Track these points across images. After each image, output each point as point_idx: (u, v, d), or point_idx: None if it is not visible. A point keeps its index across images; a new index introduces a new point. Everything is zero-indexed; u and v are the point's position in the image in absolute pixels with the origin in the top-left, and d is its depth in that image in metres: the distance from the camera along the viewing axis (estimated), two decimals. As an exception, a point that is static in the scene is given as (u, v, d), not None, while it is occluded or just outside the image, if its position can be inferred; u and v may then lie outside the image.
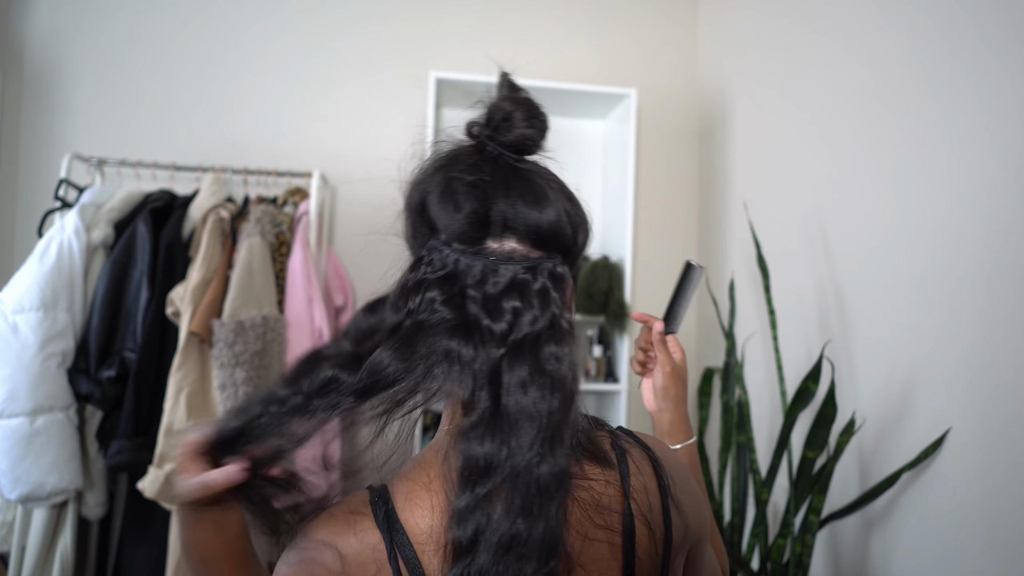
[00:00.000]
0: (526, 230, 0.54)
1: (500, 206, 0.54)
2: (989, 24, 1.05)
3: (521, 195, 0.55)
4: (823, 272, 1.47)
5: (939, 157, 1.14)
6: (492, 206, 0.54)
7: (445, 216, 0.54)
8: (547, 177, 0.58)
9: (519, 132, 0.56)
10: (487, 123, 0.57)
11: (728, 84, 2.00)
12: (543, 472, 0.49)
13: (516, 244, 0.55)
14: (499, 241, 0.54)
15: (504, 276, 0.53)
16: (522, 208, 0.54)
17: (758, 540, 1.36)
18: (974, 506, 1.04)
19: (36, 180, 1.90)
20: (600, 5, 2.19)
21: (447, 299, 0.52)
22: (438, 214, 0.55)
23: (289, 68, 2.02)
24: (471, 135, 0.59)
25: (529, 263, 0.54)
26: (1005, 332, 1.00)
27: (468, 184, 0.54)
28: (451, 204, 0.54)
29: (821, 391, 1.36)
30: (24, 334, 1.42)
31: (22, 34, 1.91)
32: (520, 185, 0.55)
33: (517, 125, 0.56)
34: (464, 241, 0.54)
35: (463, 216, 0.53)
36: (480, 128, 0.58)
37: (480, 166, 0.55)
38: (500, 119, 0.56)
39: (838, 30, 1.45)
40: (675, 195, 2.21)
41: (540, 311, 0.53)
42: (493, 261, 0.53)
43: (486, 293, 0.53)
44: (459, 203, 0.54)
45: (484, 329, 0.52)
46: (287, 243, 1.69)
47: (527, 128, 0.57)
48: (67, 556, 1.50)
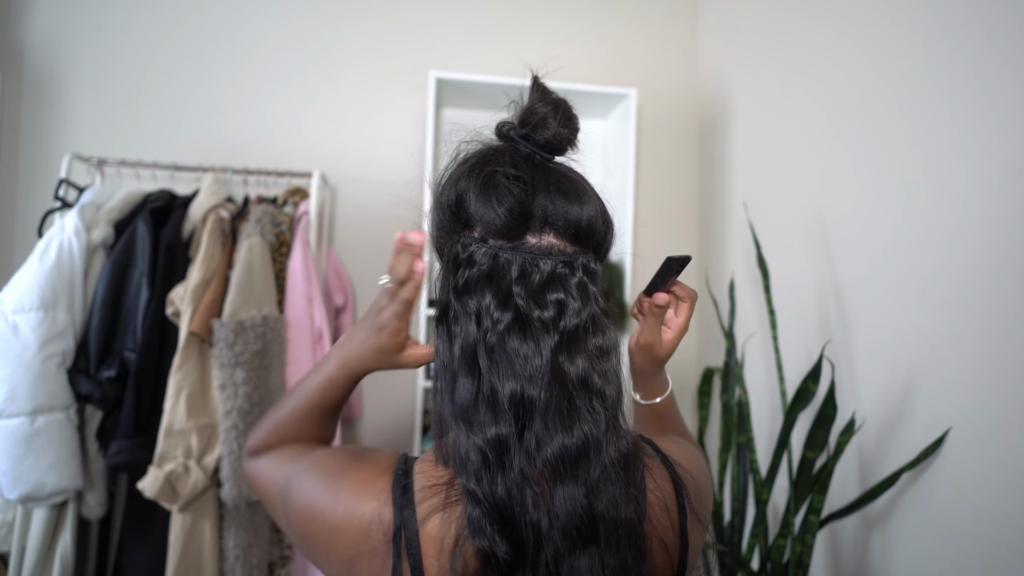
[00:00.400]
0: (565, 225, 0.56)
1: (541, 200, 0.55)
2: (990, 24, 1.05)
3: (561, 191, 0.56)
4: (823, 272, 1.47)
5: (940, 157, 1.14)
6: (534, 200, 0.55)
7: (486, 210, 0.55)
8: (581, 176, 0.60)
9: (554, 131, 0.57)
10: (522, 124, 0.58)
11: (728, 84, 2.00)
12: (614, 457, 0.51)
13: (555, 239, 0.56)
14: (538, 236, 0.56)
15: (544, 269, 0.55)
16: (562, 203, 0.56)
17: (758, 540, 1.36)
18: (974, 506, 1.04)
19: (36, 180, 1.90)
20: (600, 5, 2.19)
21: (500, 302, 0.54)
22: (478, 209, 0.55)
23: (289, 68, 2.02)
24: (503, 136, 0.60)
25: (566, 257, 0.56)
26: (1005, 332, 1.00)
27: (512, 178, 0.55)
28: (493, 198, 0.55)
29: (821, 391, 1.36)
30: (24, 334, 1.42)
31: (22, 34, 1.91)
32: (559, 181, 0.57)
33: (551, 126, 0.57)
34: (504, 235, 0.55)
35: (505, 210, 0.54)
36: (513, 129, 0.59)
37: (518, 163, 0.57)
38: (536, 121, 0.57)
39: (838, 30, 1.45)
40: (675, 195, 2.21)
41: (581, 304, 0.55)
42: (533, 256, 0.55)
43: (529, 286, 0.54)
44: (501, 196, 0.55)
45: (535, 320, 0.53)
46: (287, 243, 1.69)
47: (562, 128, 0.58)
48: (67, 556, 1.50)
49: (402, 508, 0.50)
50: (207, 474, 1.47)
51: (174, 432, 1.45)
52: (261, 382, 1.52)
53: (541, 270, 0.54)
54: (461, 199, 0.57)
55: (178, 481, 1.42)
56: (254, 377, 1.50)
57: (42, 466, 1.40)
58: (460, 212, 0.57)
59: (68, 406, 1.48)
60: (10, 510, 1.54)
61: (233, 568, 1.50)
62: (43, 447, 1.41)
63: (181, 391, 1.47)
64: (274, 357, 1.56)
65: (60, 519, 1.52)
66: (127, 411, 1.47)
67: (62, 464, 1.43)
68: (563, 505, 0.48)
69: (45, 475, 1.41)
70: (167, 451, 1.44)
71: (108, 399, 1.49)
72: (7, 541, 1.53)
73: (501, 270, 0.54)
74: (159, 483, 1.40)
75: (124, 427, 1.46)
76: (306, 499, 0.54)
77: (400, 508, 0.50)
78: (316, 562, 0.54)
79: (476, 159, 0.58)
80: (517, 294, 0.53)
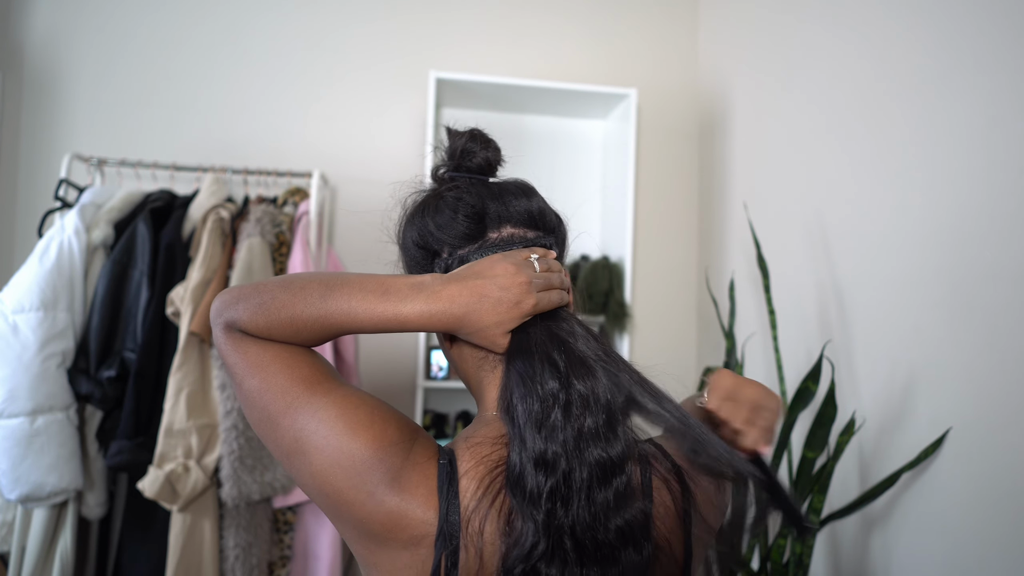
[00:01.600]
0: (519, 214, 0.61)
1: (492, 204, 0.61)
2: (989, 25, 1.05)
3: (507, 192, 0.62)
4: (823, 272, 1.47)
5: (939, 157, 1.14)
6: (486, 205, 0.61)
7: (446, 224, 0.60)
8: (522, 180, 0.65)
9: (481, 156, 0.63)
10: (450, 159, 0.64)
11: (728, 84, 2.00)
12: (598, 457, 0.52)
13: (513, 229, 0.61)
14: (498, 231, 0.61)
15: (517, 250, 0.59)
16: (512, 200, 0.61)
17: (758, 540, 1.36)
18: (974, 506, 1.04)
19: (36, 180, 1.90)
20: (600, 5, 2.19)
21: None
22: (437, 228, 0.61)
23: (289, 68, 2.02)
24: (440, 178, 0.65)
25: (528, 242, 0.61)
26: (1005, 332, 1.00)
27: (460, 193, 0.61)
28: (447, 212, 0.60)
29: (821, 391, 1.36)
30: (24, 334, 1.42)
31: (22, 34, 1.91)
32: (502, 187, 0.63)
33: (478, 153, 0.63)
34: (469, 238, 0.60)
35: (463, 216, 0.60)
36: (446, 168, 0.64)
37: (462, 187, 0.62)
38: (460, 153, 0.63)
39: (838, 30, 1.45)
40: (675, 195, 2.21)
41: None
42: (498, 247, 0.59)
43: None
44: (455, 207, 0.60)
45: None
46: (287, 243, 1.69)
47: (486, 151, 0.63)
48: (67, 556, 1.50)
49: (448, 502, 0.51)
50: (207, 474, 1.47)
51: (174, 432, 1.45)
52: (261, 382, 1.52)
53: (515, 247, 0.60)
54: (423, 230, 0.62)
55: (178, 481, 1.42)
56: (254, 377, 1.50)
57: (42, 466, 1.40)
58: (425, 242, 0.61)
59: (68, 406, 1.48)
60: (10, 510, 1.54)
61: (233, 568, 1.50)
62: (43, 447, 1.41)
63: (181, 391, 1.47)
64: (274, 357, 1.55)
65: (60, 519, 1.52)
66: (127, 411, 1.47)
67: (62, 464, 1.43)
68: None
69: (45, 475, 1.41)
70: (167, 451, 1.44)
71: (108, 399, 1.49)
72: (7, 541, 1.53)
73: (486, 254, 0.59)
74: (159, 483, 1.40)
75: (124, 427, 1.46)
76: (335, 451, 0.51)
77: (446, 503, 0.51)
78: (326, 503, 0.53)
79: (423, 197, 0.64)
80: None
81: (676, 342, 2.16)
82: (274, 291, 0.54)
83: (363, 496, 0.50)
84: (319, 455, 0.51)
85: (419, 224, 0.62)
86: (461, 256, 0.59)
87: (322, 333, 0.54)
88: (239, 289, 0.56)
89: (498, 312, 0.53)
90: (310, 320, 0.53)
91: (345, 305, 0.53)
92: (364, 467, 0.50)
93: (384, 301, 0.52)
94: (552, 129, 2.16)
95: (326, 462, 0.51)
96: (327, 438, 0.51)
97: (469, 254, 0.59)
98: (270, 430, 0.53)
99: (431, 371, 1.89)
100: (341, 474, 0.50)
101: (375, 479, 0.50)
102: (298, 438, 0.52)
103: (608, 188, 2.11)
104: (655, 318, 2.13)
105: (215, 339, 0.56)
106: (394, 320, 0.53)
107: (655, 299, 2.14)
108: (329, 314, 0.53)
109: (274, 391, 0.53)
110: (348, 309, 0.53)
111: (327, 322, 0.53)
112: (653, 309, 2.13)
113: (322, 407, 0.52)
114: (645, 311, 2.11)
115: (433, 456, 0.53)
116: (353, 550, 0.54)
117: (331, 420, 0.51)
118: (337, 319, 0.53)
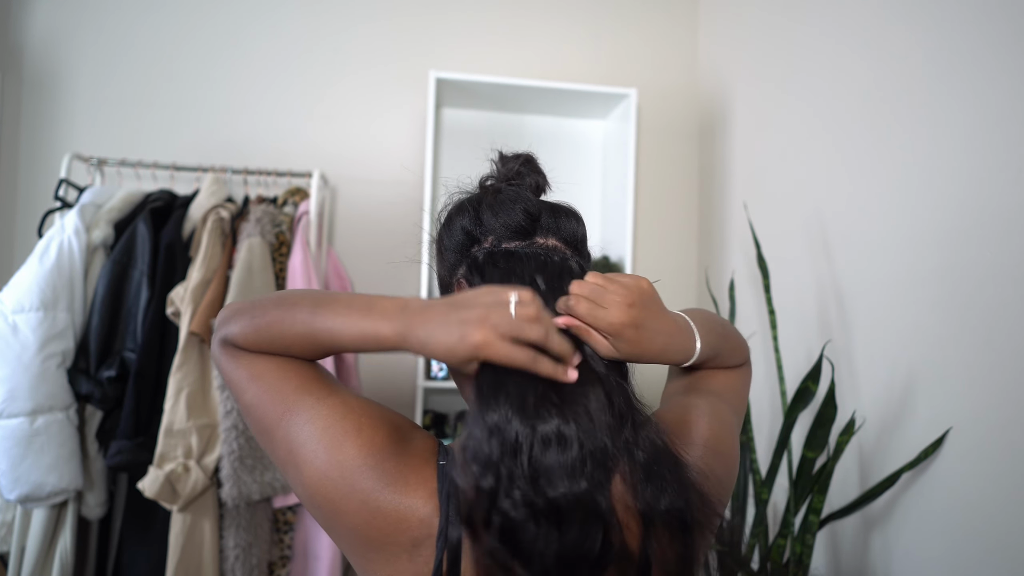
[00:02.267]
0: (567, 234, 0.64)
1: (546, 215, 0.63)
2: (989, 24, 1.05)
3: (562, 211, 0.65)
4: (823, 272, 1.47)
5: (939, 157, 1.14)
6: (542, 212, 0.63)
7: (503, 212, 0.62)
8: (574, 208, 0.68)
9: (532, 180, 0.66)
10: (501, 178, 0.66)
11: (728, 84, 2.00)
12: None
13: (556, 242, 0.63)
14: (545, 238, 0.63)
15: (556, 261, 0.61)
16: (563, 219, 0.64)
17: (758, 540, 1.36)
18: (974, 506, 1.04)
19: (36, 180, 1.90)
20: (600, 5, 2.19)
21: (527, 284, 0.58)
22: (493, 215, 0.62)
23: (289, 68, 2.02)
24: (487, 188, 0.66)
25: (567, 257, 0.62)
26: (1005, 332, 1.00)
27: (521, 191, 0.63)
28: (507, 204, 0.62)
29: (821, 391, 1.36)
30: (24, 334, 1.42)
31: (22, 34, 1.91)
32: (556, 206, 0.65)
33: (528, 176, 0.66)
34: (519, 234, 0.61)
35: (522, 210, 0.62)
36: (495, 180, 0.66)
37: (520, 189, 0.65)
38: (513, 176, 0.66)
39: (838, 30, 1.45)
40: (675, 195, 2.21)
41: None
42: (546, 251, 0.61)
43: (548, 276, 0.59)
44: (515, 201, 0.62)
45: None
46: (287, 243, 1.69)
47: (537, 177, 0.66)
48: (67, 556, 1.50)
49: (449, 503, 0.50)
50: (207, 474, 1.47)
51: (174, 432, 1.45)
52: (261, 382, 1.52)
53: (555, 263, 0.60)
54: (476, 217, 0.63)
55: (178, 481, 1.42)
56: (254, 377, 1.50)
57: (42, 466, 1.40)
58: (474, 228, 0.63)
59: (68, 406, 1.48)
60: (10, 510, 1.54)
61: (233, 568, 1.50)
62: (43, 447, 1.41)
63: (181, 391, 1.47)
64: (274, 357, 1.55)
65: (60, 519, 1.52)
66: (127, 411, 1.47)
67: (62, 464, 1.43)
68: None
69: (45, 475, 1.40)
70: (167, 451, 1.44)
71: (108, 399, 1.49)
72: (7, 541, 1.53)
73: (521, 264, 0.59)
74: (159, 483, 1.40)
75: (124, 427, 1.46)
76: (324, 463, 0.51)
77: (447, 503, 0.50)
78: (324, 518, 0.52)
79: (478, 193, 0.66)
80: (539, 284, 0.58)
81: (676, 342, 2.15)
82: (267, 307, 0.55)
83: (355, 505, 0.50)
84: (309, 467, 0.51)
85: (472, 212, 0.63)
86: (506, 249, 0.61)
87: (312, 349, 0.54)
88: (237, 305, 0.58)
89: (448, 343, 0.49)
90: (299, 336, 0.53)
91: (330, 322, 0.52)
92: (354, 476, 0.50)
93: (365, 318, 0.52)
94: (552, 129, 2.16)
95: (316, 474, 0.51)
96: (315, 450, 0.51)
97: (516, 248, 0.60)
98: (267, 442, 0.54)
99: (431, 371, 1.89)
100: (331, 485, 0.50)
101: (368, 486, 0.50)
102: (290, 449, 0.52)
103: (608, 188, 2.11)
104: (655, 318, 2.13)
105: (212, 354, 0.59)
106: (372, 337, 0.51)
107: (655, 299, 2.13)
108: (316, 331, 0.53)
109: (266, 404, 0.54)
110: (332, 326, 0.52)
111: (315, 339, 0.53)
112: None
113: (311, 418, 0.52)
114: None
115: (432, 456, 0.53)
116: (352, 562, 0.54)
117: (319, 431, 0.51)
118: (323, 336, 0.53)
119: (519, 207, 0.61)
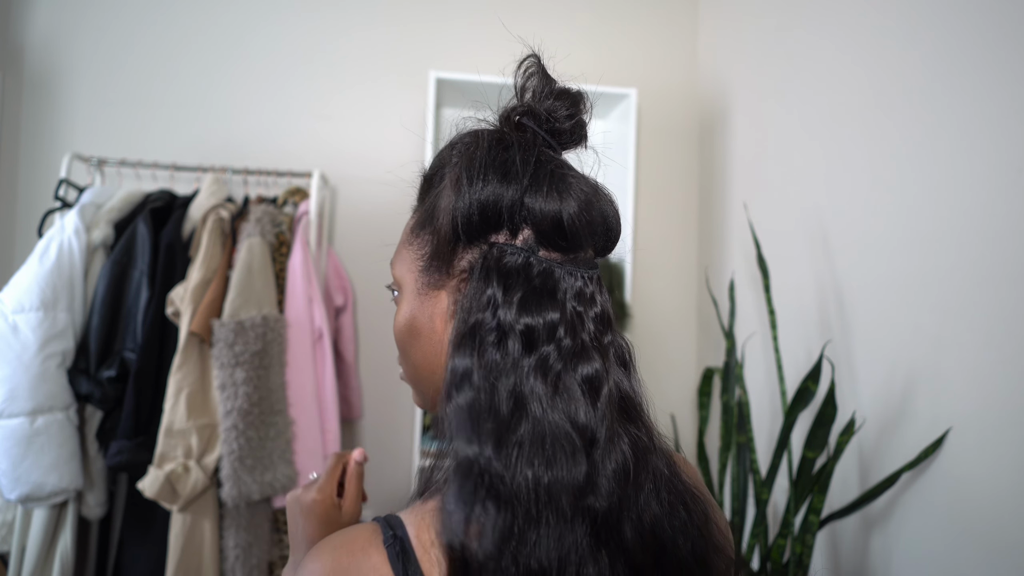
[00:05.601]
0: (608, 237, 0.49)
1: (599, 205, 0.47)
2: (989, 24, 1.05)
3: (608, 201, 0.49)
4: (823, 272, 1.47)
5: (939, 157, 1.14)
6: (592, 205, 0.46)
7: (551, 204, 0.44)
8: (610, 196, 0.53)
9: (568, 123, 0.51)
10: (530, 116, 0.51)
11: (728, 84, 2.00)
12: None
13: (591, 251, 0.49)
14: (586, 250, 0.48)
15: (588, 286, 0.47)
16: (610, 208, 0.49)
17: (758, 540, 1.36)
18: (974, 506, 1.04)
19: (36, 180, 1.90)
20: (600, 5, 2.19)
21: (568, 325, 0.44)
22: (545, 205, 0.44)
23: (289, 68, 2.02)
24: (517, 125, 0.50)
25: (596, 268, 0.50)
26: (1005, 332, 1.00)
27: (573, 172, 0.46)
28: (575, 202, 0.45)
29: (821, 391, 1.36)
30: (24, 334, 1.42)
31: (22, 34, 1.91)
32: (603, 193, 0.49)
33: (563, 114, 0.50)
34: (565, 243, 0.45)
35: (599, 217, 0.46)
36: (527, 116, 0.51)
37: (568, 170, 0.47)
38: (545, 116, 0.50)
39: (838, 30, 1.45)
40: (675, 195, 2.21)
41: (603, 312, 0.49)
42: (585, 272, 0.47)
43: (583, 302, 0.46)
44: (589, 204, 0.45)
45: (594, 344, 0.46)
46: (287, 243, 1.69)
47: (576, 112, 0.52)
48: (67, 556, 1.50)
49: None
50: (207, 474, 1.47)
51: (174, 432, 1.45)
52: (261, 382, 1.52)
53: (590, 287, 0.47)
54: (522, 195, 0.45)
55: (178, 481, 1.43)
56: (254, 377, 1.50)
57: (42, 466, 1.40)
58: (514, 210, 0.45)
59: (68, 406, 1.48)
60: (10, 510, 1.54)
61: (233, 568, 1.50)
62: (43, 447, 1.41)
63: (181, 391, 1.47)
64: (274, 357, 1.56)
65: (60, 519, 1.52)
66: (127, 411, 1.47)
67: (62, 464, 1.43)
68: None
69: (45, 475, 1.41)
70: (167, 451, 1.44)
71: (108, 399, 1.49)
72: (7, 541, 1.53)
73: (553, 303, 0.44)
74: (159, 483, 1.40)
75: (124, 427, 1.46)
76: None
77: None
78: None
79: (504, 151, 0.46)
80: (579, 314, 0.45)
81: (676, 342, 2.16)
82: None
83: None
84: None
85: (519, 185, 0.45)
86: (548, 268, 0.45)
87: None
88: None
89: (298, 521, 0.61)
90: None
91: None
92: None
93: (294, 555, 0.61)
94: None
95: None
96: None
97: (557, 265, 0.45)
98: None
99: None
100: None
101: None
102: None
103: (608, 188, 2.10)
104: (655, 318, 2.13)
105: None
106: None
107: (655, 299, 2.13)
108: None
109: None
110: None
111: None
112: (653, 309, 2.13)
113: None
114: (645, 311, 2.11)
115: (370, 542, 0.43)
116: None
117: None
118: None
119: (597, 212, 0.46)
